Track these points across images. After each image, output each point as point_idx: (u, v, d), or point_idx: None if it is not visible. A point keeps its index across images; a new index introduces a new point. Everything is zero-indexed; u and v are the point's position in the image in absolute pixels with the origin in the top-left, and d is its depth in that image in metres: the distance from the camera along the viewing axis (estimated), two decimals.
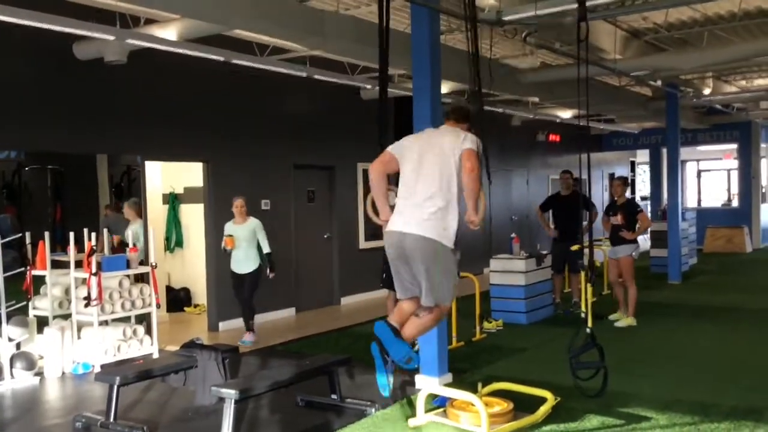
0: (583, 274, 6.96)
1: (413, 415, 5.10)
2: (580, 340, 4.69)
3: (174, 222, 10.32)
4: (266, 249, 8.11)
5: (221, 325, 8.98)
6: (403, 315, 3.91)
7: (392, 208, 3.94)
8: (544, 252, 9.52)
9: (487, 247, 12.77)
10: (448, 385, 5.69)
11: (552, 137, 17.00)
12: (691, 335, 8.05)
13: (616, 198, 8.74)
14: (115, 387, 4.99)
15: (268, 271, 8.12)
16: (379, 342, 3.78)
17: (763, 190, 19.68)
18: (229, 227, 8.09)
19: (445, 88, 9.63)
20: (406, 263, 3.82)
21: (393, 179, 4.07)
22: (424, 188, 3.82)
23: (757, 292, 11.05)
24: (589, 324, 4.44)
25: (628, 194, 9.00)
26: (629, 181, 8.66)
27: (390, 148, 4.04)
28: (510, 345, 7.60)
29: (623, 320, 8.50)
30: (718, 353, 7.16)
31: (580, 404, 5.17)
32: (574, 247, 8.59)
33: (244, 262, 8.05)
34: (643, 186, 24.14)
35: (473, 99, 4.03)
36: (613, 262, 8.67)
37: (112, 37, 6.61)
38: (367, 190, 4.13)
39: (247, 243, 8.03)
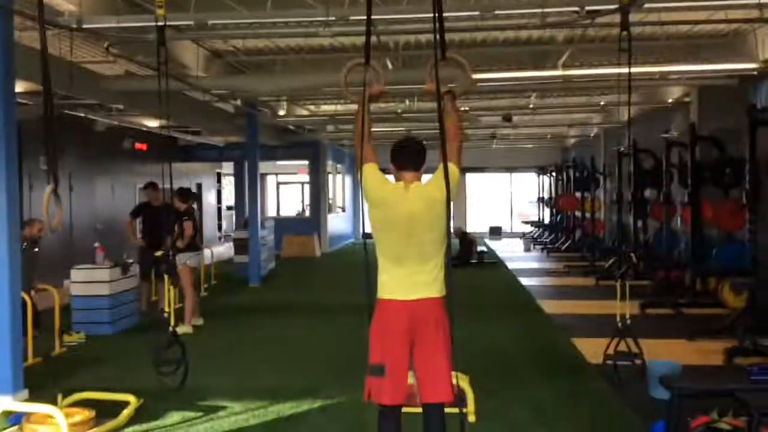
0: (166, 277, 7.24)
1: None
2: (164, 339, 4.97)
3: None
4: None
5: None
6: None
7: None
8: (131, 261, 9.52)
9: (67, 257, 12.13)
10: (24, 401, 5.42)
11: (139, 145, 16.88)
12: (267, 331, 8.94)
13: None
14: None
15: None
16: None
17: (330, 202, 22.45)
18: None
19: (20, 87, 8.97)
20: None
21: None
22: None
23: (325, 291, 12.70)
24: (171, 323, 4.74)
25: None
26: (191, 190, 9.03)
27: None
28: (94, 355, 7.48)
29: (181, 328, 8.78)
30: (290, 344, 8.15)
31: (163, 404, 5.44)
32: (158, 253, 8.72)
33: None
34: (229, 196, 25.43)
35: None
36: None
37: None
38: None
39: None
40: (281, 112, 14.83)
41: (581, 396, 5.79)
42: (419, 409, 3.54)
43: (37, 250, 8.47)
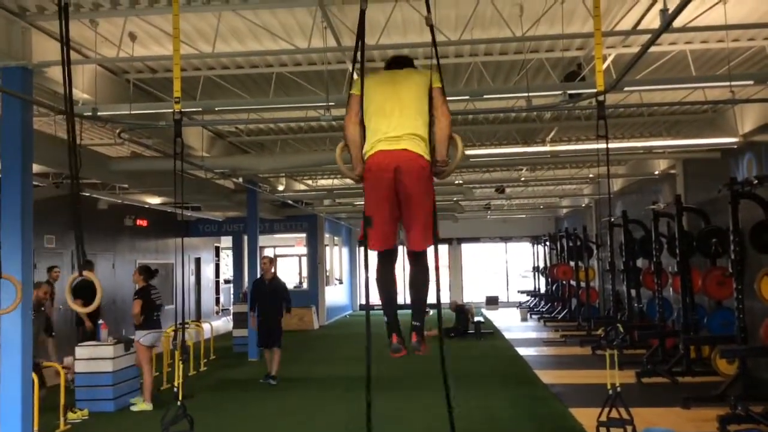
0: (176, 352, 7.38)
1: None
2: (173, 412, 5.11)
3: None
4: None
5: None
6: None
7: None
8: (132, 337, 9.66)
9: (66, 335, 12.24)
10: None
11: (140, 222, 17.22)
12: (269, 405, 9.02)
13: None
14: None
15: None
16: None
17: (327, 274, 22.61)
18: None
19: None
20: None
21: None
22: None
23: (325, 364, 12.76)
24: (180, 397, 4.89)
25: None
26: (151, 268, 9.18)
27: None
28: None
29: (139, 405, 8.72)
30: (294, 419, 8.22)
31: None
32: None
33: None
34: (227, 269, 25.60)
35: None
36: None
37: None
38: None
39: None
40: (280, 188, 15.22)
41: None
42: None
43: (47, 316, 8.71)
